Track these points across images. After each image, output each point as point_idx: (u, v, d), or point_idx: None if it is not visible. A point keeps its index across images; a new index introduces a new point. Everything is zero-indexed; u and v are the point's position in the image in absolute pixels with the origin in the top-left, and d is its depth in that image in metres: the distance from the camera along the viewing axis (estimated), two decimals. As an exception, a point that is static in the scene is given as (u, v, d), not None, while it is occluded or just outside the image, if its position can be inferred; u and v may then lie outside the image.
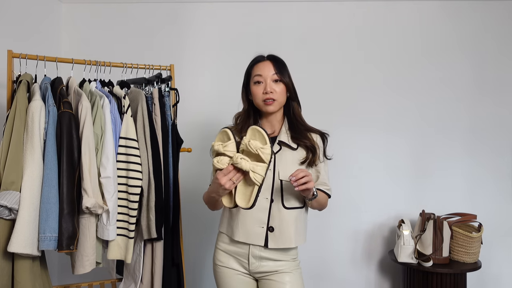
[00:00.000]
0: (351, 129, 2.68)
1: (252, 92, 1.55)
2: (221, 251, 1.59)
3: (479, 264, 2.33)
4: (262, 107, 1.54)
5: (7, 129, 1.51)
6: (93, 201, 1.53)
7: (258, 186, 1.29)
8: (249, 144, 1.28)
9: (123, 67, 1.93)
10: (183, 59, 2.65)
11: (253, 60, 1.60)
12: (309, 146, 1.53)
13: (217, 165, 1.30)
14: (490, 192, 2.66)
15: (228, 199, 1.37)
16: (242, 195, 1.33)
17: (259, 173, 1.27)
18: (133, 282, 1.81)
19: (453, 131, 2.67)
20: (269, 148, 1.29)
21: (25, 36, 2.35)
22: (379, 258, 2.70)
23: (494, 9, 2.67)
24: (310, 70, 2.66)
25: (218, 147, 1.32)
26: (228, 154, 1.30)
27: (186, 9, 2.70)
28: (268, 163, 1.29)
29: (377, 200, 2.68)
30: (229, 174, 1.28)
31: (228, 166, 1.28)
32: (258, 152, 1.27)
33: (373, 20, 2.70)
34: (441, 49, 2.68)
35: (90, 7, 2.70)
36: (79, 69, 1.83)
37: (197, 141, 2.45)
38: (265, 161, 1.28)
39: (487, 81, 2.68)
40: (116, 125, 1.69)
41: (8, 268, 1.49)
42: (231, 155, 1.30)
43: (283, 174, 1.48)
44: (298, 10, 2.71)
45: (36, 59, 1.72)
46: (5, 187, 1.45)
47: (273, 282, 1.51)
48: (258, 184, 1.28)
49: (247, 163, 1.26)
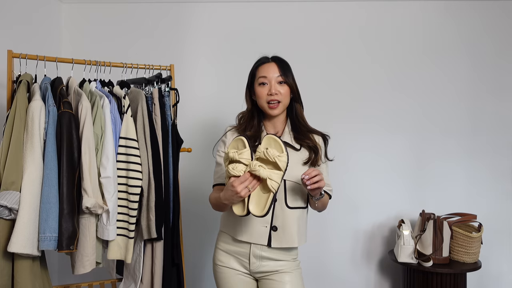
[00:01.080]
0: (351, 129, 2.68)
1: (256, 93, 1.56)
2: (221, 251, 1.59)
3: (479, 264, 2.33)
4: (266, 109, 1.55)
5: (7, 129, 1.51)
6: (93, 201, 1.53)
7: (273, 193, 1.30)
8: (267, 152, 1.30)
9: (123, 67, 1.93)
10: (183, 59, 2.65)
11: (258, 61, 1.60)
12: (311, 147, 1.54)
13: (232, 172, 1.30)
14: (490, 192, 2.66)
15: (240, 207, 1.36)
16: (257, 202, 1.34)
17: (275, 181, 1.29)
18: (133, 282, 1.81)
19: (453, 130, 2.67)
20: (285, 156, 1.32)
21: (25, 36, 2.35)
22: (379, 258, 2.70)
23: (496, 9, 2.67)
24: (311, 70, 2.66)
25: (233, 154, 1.33)
26: (243, 162, 1.32)
27: (186, 9, 2.70)
28: (284, 171, 1.31)
29: (377, 200, 2.68)
30: (246, 182, 1.29)
31: (245, 174, 1.29)
32: (275, 160, 1.30)
33: (374, 20, 2.70)
34: (442, 49, 2.68)
35: (90, 7, 2.70)
36: (79, 69, 1.83)
37: (197, 141, 2.45)
38: (282, 169, 1.30)
39: (488, 81, 2.68)
40: (116, 125, 1.69)
41: (8, 268, 1.49)
42: (246, 163, 1.31)
43: (286, 174, 1.48)
44: (298, 10, 2.71)
45: (36, 59, 1.72)
46: (5, 187, 1.45)
47: (273, 282, 1.51)
48: (274, 191, 1.30)
49: (265, 170, 1.28)
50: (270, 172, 1.29)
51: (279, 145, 1.34)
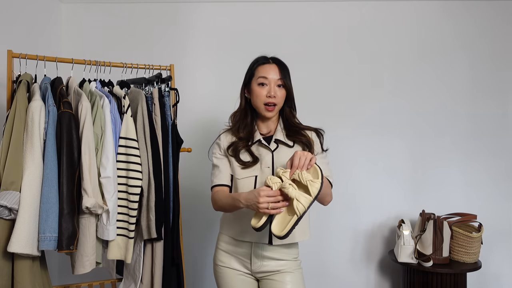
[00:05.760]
0: (351, 129, 2.68)
1: (254, 92, 1.55)
2: (222, 251, 1.59)
3: (479, 264, 2.33)
4: (262, 110, 1.55)
5: (7, 129, 1.51)
6: (93, 201, 1.53)
7: (297, 217, 1.29)
8: (301, 174, 1.31)
9: (123, 67, 1.93)
10: (183, 59, 2.65)
11: (258, 61, 1.59)
12: (304, 142, 1.55)
13: (268, 181, 1.33)
14: (490, 192, 2.66)
15: (257, 219, 1.35)
16: (279, 222, 1.33)
17: (302, 203, 1.28)
18: (133, 282, 1.81)
19: (453, 131, 2.67)
20: (319, 183, 1.31)
21: (25, 36, 2.35)
22: (379, 258, 2.70)
23: (493, 9, 2.68)
24: (309, 70, 2.66)
25: (278, 170, 1.37)
26: (282, 179, 1.34)
27: (186, 9, 2.71)
28: (314, 197, 1.30)
29: (377, 200, 2.68)
30: (271, 198, 1.28)
31: (276, 190, 1.30)
32: (307, 184, 1.30)
33: (371, 21, 2.70)
34: (439, 49, 2.69)
35: (90, 7, 2.70)
36: (79, 69, 1.84)
37: (197, 141, 2.45)
38: (312, 195, 1.30)
39: (486, 82, 2.68)
40: (116, 125, 1.69)
41: (8, 268, 1.49)
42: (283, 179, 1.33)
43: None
44: (297, 10, 2.71)
45: (36, 59, 1.72)
46: (5, 187, 1.45)
47: (274, 282, 1.51)
48: (299, 214, 1.28)
49: (294, 190, 1.28)
50: (299, 193, 1.29)
51: (316, 172, 1.35)
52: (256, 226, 1.32)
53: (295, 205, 1.27)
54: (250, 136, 1.57)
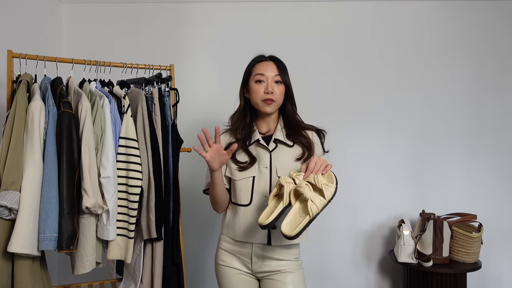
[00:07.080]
0: (351, 129, 2.68)
1: (252, 90, 1.55)
2: (223, 250, 1.59)
3: (479, 264, 2.33)
4: (260, 106, 1.55)
5: (7, 129, 1.51)
6: (93, 201, 1.53)
7: (310, 218, 1.29)
8: (316, 177, 1.33)
9: (123, 67, 1.93)
10: (183, 59, 2.65)
11: (255, 59, 1.60)
12: (304, 143, 1.55)
13: (281, 180, 1.36)
14: (490, 192, 2.65)
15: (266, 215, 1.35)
16: (290, 222, 1.33)
17: (316, 205, 1.29)
18: (133, 282, 1.81)
19: (453, 130, 2.67)
20: (333, 187, 1.35)
21: (25, 36, 2.35)
22: (379, 258, 2.70)
23: (498, 9, 2.67)
24: (311, 69, 2.66)
25: (292, 172, 1.40)
26: (295, 180, 1.36)
27: (186, 9, 2.70)
28: (328, 201, 1.32)
29: (377, 200, 2.68)
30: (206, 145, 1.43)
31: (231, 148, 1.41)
32: (322, 187, 1.32)
33: (376, 20, 2.70)
34: (443, 49, 2.68)
35: (90, 7, 2.70)
36: (79, 69, 1.83)
37: (197, 141, 2.43)
38: (326, 198, 1.32)
39: (491, 82, 2.68)
40: (116, 125, 1.69)
41: (8, 268, 1.49)
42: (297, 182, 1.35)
43: (280, 171, 1.51)
44: (300, 9, 2.71)
45: (36, 59, 1.72)
46: (5, 187, 1.45)
47: (275, 282, 1.52)
48: (312, 215, 1.29)
49: (309, 191, 1.30)
50: (314, 195, 1.30)
51: (331, 178, 1.38)
52: (264, 223, 1.32)
53: (309, 206, 1.28)
54: (248, 137, 1.57)
